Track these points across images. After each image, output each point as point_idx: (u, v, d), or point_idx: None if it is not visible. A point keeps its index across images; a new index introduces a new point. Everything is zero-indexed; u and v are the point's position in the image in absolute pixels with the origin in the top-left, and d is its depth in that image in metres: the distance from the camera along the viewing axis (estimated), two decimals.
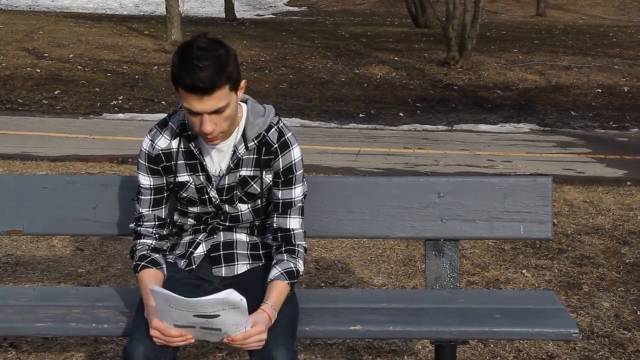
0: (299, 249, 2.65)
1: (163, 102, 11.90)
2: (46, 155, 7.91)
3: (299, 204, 2.67)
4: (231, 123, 2.51)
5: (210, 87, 2.36)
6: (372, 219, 3.03)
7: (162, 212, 2.69)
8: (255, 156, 2.61)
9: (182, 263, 2.73)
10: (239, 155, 2.59)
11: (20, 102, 11.81)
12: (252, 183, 2.62)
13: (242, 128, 2.59)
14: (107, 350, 3.60)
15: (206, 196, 2.63)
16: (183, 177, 2.63)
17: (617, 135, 10.08)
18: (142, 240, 2.69)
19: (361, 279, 4.51)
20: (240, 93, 2.51)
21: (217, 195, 2.63)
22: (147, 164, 2.64)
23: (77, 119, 10.67)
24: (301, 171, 2.66)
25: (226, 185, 2.62)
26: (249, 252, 2.73)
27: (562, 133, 10.18)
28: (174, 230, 2.76)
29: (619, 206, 5.96)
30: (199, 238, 2.73)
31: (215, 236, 2.72)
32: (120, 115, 10.98)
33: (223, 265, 2.71)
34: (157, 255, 2.67)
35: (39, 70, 13.90)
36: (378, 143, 9.24)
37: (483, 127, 10.47)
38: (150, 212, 2.68)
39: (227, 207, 2.66)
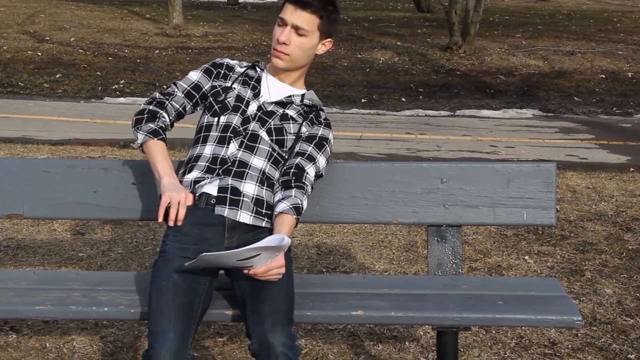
0: (307, 188, 2.71)
1: (164, 86, 11.84)
2: (47, 139, 7.89)
3: (321, 166, 2.77)
4: (299, 59, 2.75)
5: (307, 3, 2.70)
6: (374, 204, 3.01)
7: (185, 107, 2.84)
8: (303, 110, 2.81)
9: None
10: (292, 99, 2.80)
11: (22, 85, 11.78)
12: (291, 122, 2.78)
13: (304, 92, 2.84)
14: (108, 335, 3.59)
15: (243, 105, 2.76)
16: (233, 84, 2.82)
17: (621, 121, 10.05)
18: (152, 107, 2.79)
19: (363, 265, 4.50)
20: (323, 49, 2.81)
21: (256, 111, 2.76)
22: (208, 65, 2.88)
23: (78, 103, 10.65)
24: (329, 153, 2.82)
25: (268, 109, 2.77)
26: (253, 204, 2.68)
27: (565, 119, 10.15)
28: (187, 169, 2.75)
29: (622, 192, 5.94)
30: (209, 179, 2.69)
31: (224, 180, 2.69)
32: (122, 99, 10.97)
33: (227, 206, 2.66)
34: (166, 132, 2.78)
35: (40, 54, 13.86)
36: (380, 128, 9.21)
37: (485, 112, 10.44)
38: (182, 96, 2.83)
39: (252, 125, 2.74)
